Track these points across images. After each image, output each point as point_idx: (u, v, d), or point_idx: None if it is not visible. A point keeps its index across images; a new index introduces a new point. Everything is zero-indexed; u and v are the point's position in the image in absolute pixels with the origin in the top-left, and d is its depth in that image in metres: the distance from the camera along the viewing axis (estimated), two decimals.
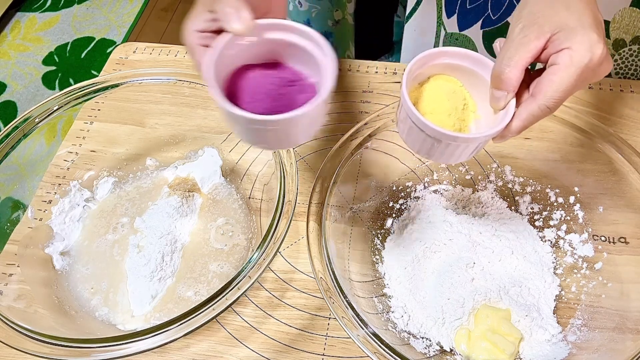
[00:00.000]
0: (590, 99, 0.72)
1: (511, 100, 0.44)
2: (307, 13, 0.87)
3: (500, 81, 0.43)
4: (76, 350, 0.46)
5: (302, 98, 0.43)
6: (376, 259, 0.59)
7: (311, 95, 0.43)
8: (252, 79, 0.43)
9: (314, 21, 0.88)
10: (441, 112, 0.47)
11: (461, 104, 0.48)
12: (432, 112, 0.46)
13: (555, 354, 0.51)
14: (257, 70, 0.44)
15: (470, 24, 0.76)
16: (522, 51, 0.42)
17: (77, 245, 0.62)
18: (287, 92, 0.43)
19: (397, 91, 0.74)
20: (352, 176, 0.60)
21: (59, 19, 2.22)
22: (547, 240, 0.59)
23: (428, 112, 0.46)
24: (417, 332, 0.53)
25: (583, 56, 0.40)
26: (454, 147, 0.44)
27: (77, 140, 0.69)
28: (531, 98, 0.43)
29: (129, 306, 0.57)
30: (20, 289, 0.55)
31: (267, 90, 0.43)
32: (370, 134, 0.58)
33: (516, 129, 0.43)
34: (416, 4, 0.76)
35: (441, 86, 0.48)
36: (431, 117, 0.45)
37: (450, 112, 0.47)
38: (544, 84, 0.42)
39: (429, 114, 0.46)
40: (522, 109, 0.43)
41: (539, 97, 0.42)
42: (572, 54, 0.40)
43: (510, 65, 0.42)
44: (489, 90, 0.45)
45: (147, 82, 0.63)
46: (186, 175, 0.66)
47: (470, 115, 0.48)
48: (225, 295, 0.47)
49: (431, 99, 0.47)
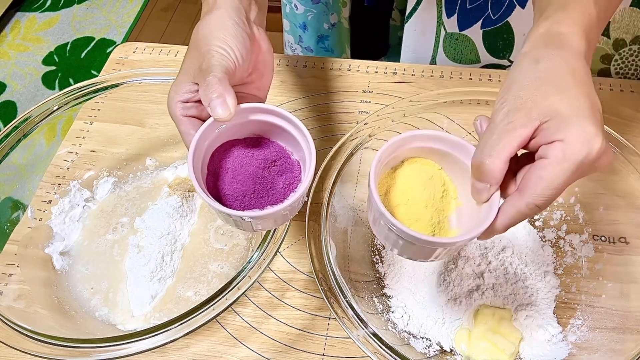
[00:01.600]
0: None
1: (495, 192, 0.39)
2: (303, 16, 0.88)
3: (481, 173, 0.38)
4: (76, 350, 0.46)
5: (283, 181, 0.44)
6: (376, 259, 0.59)
7: (292, 176, 0.44)
8: (234, 158, 0.44)
9: (309, 24, 0.89)
10: (417, 202, 0.42)
11: (440, 191, 0.43)
12: (406, 203, 0.42)
13: (555, 354, 0.51)
14: (240, 148, 0.45)
15: (471, 24, 0.76)
16: (506, 140, 0.37)
17: (77, 245, 0.62)
18: (269, 174, 0.44)
19: (397, 91, 0.74)
20: (352, 176, 0.60)
21: (59, 18, 2.22)
22: (547, 240, 0.59)
23: (402, 203, 0.42)
24: (417, 332, 0.53)
25: (578, 151, 0.35)
26: (430, 250, 0.40)
27: (77, 140, 0.69)
28: (517, 194, 0.38)
29: (129, 306, 0.56)
30: (20, 289, 0.55)
31: (248, 173, 0.44)
32: (370, 134, 0.58)
33: (501, 227, 0.38)
34: (416, 4, 0.76)
35: (417, 171, 0.44)
36: (405, 210, 0.42)
37: (428, 202, 0.42)
38: (531, 180, 0.36)
39: (403, 204, 0.42)
40: (508, 206, 0.38)
41: (527, 195, 0.37)
42: (565, 147, 0.35)
43: (492, 156, 0.37)
44: (469, 175, 0.40)
45: (147, 82, 0.63)
46: (186, 175, 0.66)
47: (451, 203, 0.44)
48: (225, 295, 0.47)
49: (406, 188, 0.43)
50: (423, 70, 0.76)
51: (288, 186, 0.44)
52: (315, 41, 0.90)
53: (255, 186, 0.43)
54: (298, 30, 0.90)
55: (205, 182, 0.43)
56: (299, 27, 0.90)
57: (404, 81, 0.76)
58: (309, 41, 0.91)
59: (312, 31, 0.89)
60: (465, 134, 0.63)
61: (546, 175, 0.36)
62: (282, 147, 0.46)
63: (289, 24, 0.91)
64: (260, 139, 0.46)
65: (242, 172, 0.43)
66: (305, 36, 0.91)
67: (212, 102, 0.39)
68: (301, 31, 0.90)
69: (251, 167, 0.44)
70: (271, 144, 0.46)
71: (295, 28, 0.91)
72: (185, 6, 2.24)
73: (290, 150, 0.46)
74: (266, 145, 0.45)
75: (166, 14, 2.22)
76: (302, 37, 0.91)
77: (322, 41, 0.90)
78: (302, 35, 0.91)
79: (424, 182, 0.43)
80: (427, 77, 0.76)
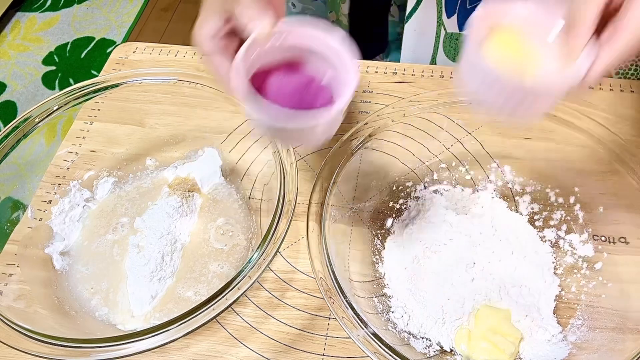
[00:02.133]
0: (590, 99, 0.72)
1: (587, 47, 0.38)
2: (301, 15, 0.87)
3: (575, 22, 0.38)
4: (76, 350, 0.46)
5: (322, 98, 0.43)
6: (376, 259, 0.59)
7: (325, 98, 0.43)
8: (274, 80, 0.44)
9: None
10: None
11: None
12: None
13: (555, 354, 0.51)
14: (278, 72, 0.44)
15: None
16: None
17: (77, 245, 0.62)
18: (309, 91, 0.44)
19: (397, 91, 0.74)
20: (352, 176, 0.60)
21: (59, 18, 2.22)
22: (547, 240, 0.59)
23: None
24: (417, 332, 0.53)
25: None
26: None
27: (77, 140, 0.69)
28: (613, 31, 0.37)
29: (129, 306, 0.56)
30: (20, 289, 0.55)
31: (289, 91, 0.43)
32: (370, 134, 0.58)
33: (599, 71, 0.38)
34: (416, 4, 0.76)
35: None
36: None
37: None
38: (623, 21, 0.36)
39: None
40: (605, 50, 0.37)
41: (626, 27, 0.36)
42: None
43: (587, 2, 0.36)
44: (551, 36, 0.40)
45: (147, 82, 0.63)
46: (186, 175, 0.66)
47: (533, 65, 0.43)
48: (225, 295, 0.47)
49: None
50: (423, 70, 0.76)
51: (325, 104, 0.44)
52: None
53: (296, 106, 0.43)
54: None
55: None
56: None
57: (404, 81, 0.76)
58: None
59: None
60: (465, 134, 0.63)
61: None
62: (319, 69, 0.45)
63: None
64: (296, 63, 0.45)
65: (284, 92, 0.43)
66: None
67: (251, 18, 0.39)
68: None
69: (289, 87, 0.43)
70: (308, 66, 0.45)
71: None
72: (185, 6, 2.24)
73: (328, 71, 0.45)
74: (303, 68, 0.45)
75: (166, 14, 2.22)
76: None
77: None
78: None
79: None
80: (427, 77, 0.76)
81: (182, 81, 0.63)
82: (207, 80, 0.62)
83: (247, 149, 0.67)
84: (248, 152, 0.67)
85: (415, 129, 0.61)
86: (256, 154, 0.66)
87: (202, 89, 0.62)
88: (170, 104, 0.67)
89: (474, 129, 0.63)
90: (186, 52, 0.81)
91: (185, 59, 0.80)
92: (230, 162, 0.67)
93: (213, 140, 0.68)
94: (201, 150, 0.68)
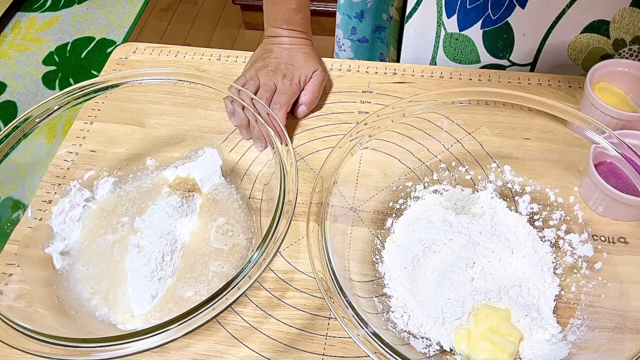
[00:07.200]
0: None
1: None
2: (362, 4, 0.85)
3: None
4: (76, 350, 0.46)
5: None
6: (376, 259, 0.59)
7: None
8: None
9: (368, 12, 0.86)
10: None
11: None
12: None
13: (555, 354, 0.51)
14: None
15: (471, 24, 0.76)
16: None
17: (77, 245, 0.62)
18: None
19: (397, 91, 0.74)
20: (352, 176, 0.60)
21: (59, 19, 2.22)
22: (547, 240, 0.59)
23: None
24: (417, 332, 0.53)
25: None
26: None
27: (77, 140, 0.69)
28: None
29: (129, 306, 0.57)
30: (20, 289, 0.55)
31: None
32: (370, 134, 0.58)
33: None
34: (416, 4, 0.76)
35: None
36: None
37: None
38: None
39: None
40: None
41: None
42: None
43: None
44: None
45: (147, 82, 0.63)
46: (186, 175, 0.66)
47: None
48: (225, 295, 0.47)
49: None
50: (423, 71, 0.76)
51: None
52: (372, 30, 0.87)
53: None
54: (352, 21, 0.87)
55: None
56: (354, 17, 0.86)
57: (404, 81, 0.76)
58: (365, 31, 0.88)
59: (370, 19, 0.87)
60: (465, 134, 0.63)
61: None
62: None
63: (341, 16, 0.88)
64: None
65: None
66: (360, 26, 0.87)
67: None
68: (356, 21, 0.87)
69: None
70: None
71: (349, 19, 0.87)
72: (185, 6, 2.24)
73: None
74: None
75: (166, 14, 2.22)
76: (357, 27, 0.87)
77: (379, 32, 0.88)
78: (357, 26, 0.87)
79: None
80: (427, 77, 0.76)
81: (182, 81, 0.63)
82: (207, 80, 0.62)
83: (247, 149, 0.67)
84: (248, 152, 0.67)
85: (415, 129, 0.61)
86: (256, 154, 0.67)
87: (202, 89, 0.62)
88: (170, 104, 0.67)
89: (473, 129, 0.63)
90: (186, 52, 0.81)
91: (185, 59, 0.81)
92: (230, 162, 0.67)
93: (213, 140, 0.68)
94: (201, 150, 0.68)
